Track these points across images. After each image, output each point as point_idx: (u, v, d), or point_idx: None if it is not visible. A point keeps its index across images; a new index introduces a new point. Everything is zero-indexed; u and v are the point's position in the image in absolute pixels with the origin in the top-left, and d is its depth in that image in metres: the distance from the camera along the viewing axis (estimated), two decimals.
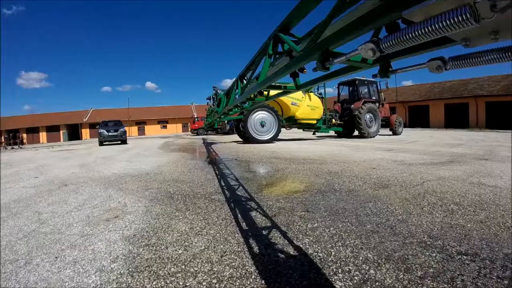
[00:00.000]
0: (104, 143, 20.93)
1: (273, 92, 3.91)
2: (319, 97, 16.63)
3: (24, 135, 45.62)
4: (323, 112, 16.43)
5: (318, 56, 1.53)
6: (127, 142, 21.78)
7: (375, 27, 1.14)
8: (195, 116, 37.66)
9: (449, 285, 1.68)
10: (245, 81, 3.87)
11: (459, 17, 0.75)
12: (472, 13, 0.73)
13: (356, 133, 16.58)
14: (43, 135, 51.16)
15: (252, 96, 3.92)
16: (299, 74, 2.35)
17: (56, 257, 2.29)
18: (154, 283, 1.84)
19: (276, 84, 3.06)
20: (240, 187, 4.50)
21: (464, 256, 2.03)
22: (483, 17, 0.73)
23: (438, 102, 32.60)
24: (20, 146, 30.78)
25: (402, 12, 0.94)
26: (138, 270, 2.02)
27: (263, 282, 1.79)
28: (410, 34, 0.94)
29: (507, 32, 0.90)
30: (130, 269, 2.03)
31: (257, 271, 1.93)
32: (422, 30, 0.88)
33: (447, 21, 0.78)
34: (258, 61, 3.23)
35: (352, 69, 1.79)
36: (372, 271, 1.87)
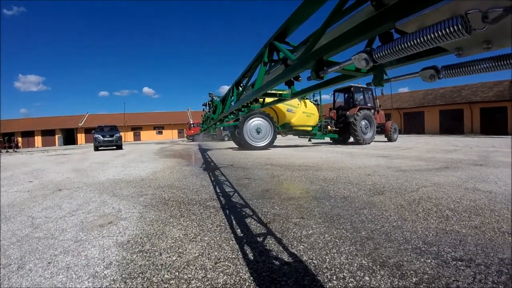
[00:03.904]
0: (99, 148, 20.85)
1: (268, 100, 3.92)
2: (314, 104, 16.71)
3: (20, 139, 45.44)
4: (319, 119, 16.48)
5: (312, 65, 1.53)
6: (123, 148, 21.72)
7: (369, 36, 1.14)
8: (191, 122, 37.50)
9: None
10: (240, 88, 3.87)
11: (451, 28, 0.75)
12: (464, 24, 0.73)
13: (351, 139, 16.65)
14: (38, 139, 50.88)
15: (247, 103, 3.92)
16: (294, 82, 2.36)
17: (49, 263, 2.27)
18: None
19: (271, 92, 3.06)
20: (235, 194, 4.49)
21: (459, 262, 2.03)
22: (474, 28, 0.74)
23: (433, 109, 32.83)
24: (15, 149, 30.62)
25: (396, 23, 0.94)
26: (132, 276, 2.00)
27: None
28: (403, 45, 0.94)
29: (499, 41, 0.90)
30: (123, 276, 2.01)
31: (251, 278, 1.92)
32: (415, 40, 0.88)
33: (440, 32, 0.78)
34: (253, 69, 3.23)
35: (346, 77, 1.80)
36: (367, 278, 1.86)
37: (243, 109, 4.44)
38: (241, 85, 3.87)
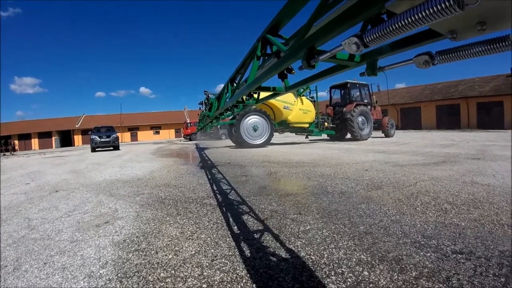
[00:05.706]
0: (96, 149, 20.78)
1: (263, 95, 3.89)
2: (311, 101, 16.71)
3: (16, 142, 45.36)
4: (316, 116, 16.48)
5: (303, 54, 1.51)
6: (120, 148, 21.68)
7: (359, 21, 1.12)
8: (188, 122, 37.40)
9: (445, 285, 1.65)
10: (235, 84, 3.85)
11: (443, 4, 0.72)
12: None
13: (348, 136, 16.67)
14: (35, 142, 50.64)
15: (243, 99, 3.89)
16: (287, 75, 2.33)
17: (44, 263, 2.25)
18: None
19: (265, 86, 3.03)
20: (232, 191, 4.46)
21: (459, 255, 2.01)
22: (467, 4, 0.71)
23: (429, 104, 32.88)
24: (12, 152, 30.53)
25: (385, 4, 0.92)
26: (127, 275, 1.97)
27: (254, 286, 1.76)
28: (393, 26, 0.91)
29: (493, 23, 0.88)
30: (119, 275, 1.99)
31: (248, 275, 1.89)
32: (406, 20, 0.85)
33: (431, 9, 0.75)
34: (247, 64, 3.21)
35: (340, 68, 1.77)
36: (366, 273, 1.84)
37: (238, 106, 4.41)
38: (236, 81, 3.85)
